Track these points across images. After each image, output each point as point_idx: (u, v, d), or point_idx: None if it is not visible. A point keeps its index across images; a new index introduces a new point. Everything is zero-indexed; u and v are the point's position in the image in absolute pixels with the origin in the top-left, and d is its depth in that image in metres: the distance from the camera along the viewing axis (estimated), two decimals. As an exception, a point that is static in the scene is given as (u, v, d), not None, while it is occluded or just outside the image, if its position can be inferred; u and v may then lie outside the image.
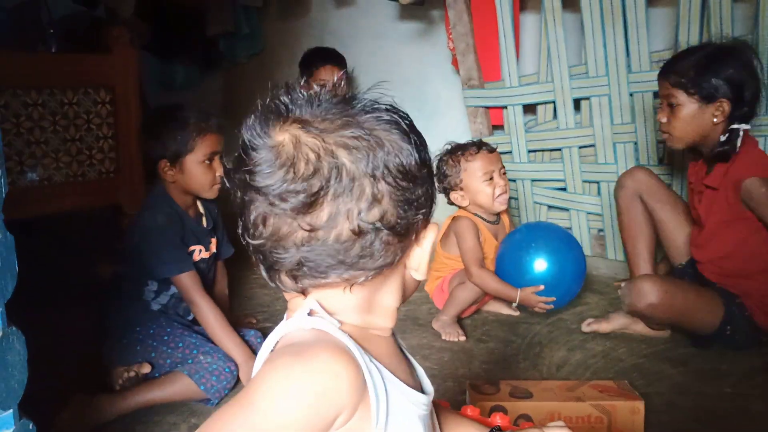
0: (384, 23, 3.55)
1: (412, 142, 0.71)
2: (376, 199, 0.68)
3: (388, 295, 0.76)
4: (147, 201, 1.99)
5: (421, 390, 0.81)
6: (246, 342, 1.94)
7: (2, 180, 0.93)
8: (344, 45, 3.58)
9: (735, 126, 1.95)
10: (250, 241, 0.71)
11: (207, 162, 1.91)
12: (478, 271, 2.21)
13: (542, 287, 2.17)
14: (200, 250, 2.01)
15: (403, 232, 0.70)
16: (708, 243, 2.09)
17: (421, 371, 0.84)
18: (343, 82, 3.04)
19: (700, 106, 1.96)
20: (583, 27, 2.69)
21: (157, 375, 1.82)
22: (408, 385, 0.75)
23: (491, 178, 2.26)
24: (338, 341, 0.69)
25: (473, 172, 2.26)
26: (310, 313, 0.71)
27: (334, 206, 0.67)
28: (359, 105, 0.71)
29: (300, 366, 0.64)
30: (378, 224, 0.68)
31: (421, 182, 0.71)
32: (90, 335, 1.95)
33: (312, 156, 0.67)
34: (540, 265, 2.17)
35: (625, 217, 2.27)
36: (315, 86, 0.74)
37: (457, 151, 2.30)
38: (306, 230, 0.68)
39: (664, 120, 2.04)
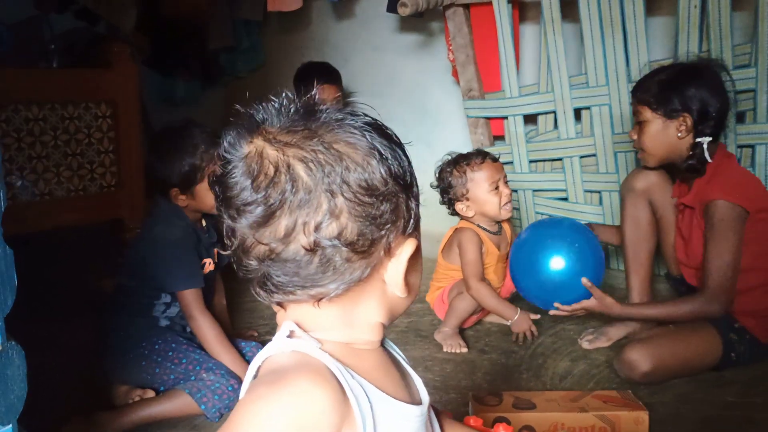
0: (384, 35, 3.56)
1: (378, 156, 0.69)
2: (333, 215, 0.66)
3: (369, 310, 0.74)
4: (157, 215, 1.96)
5: (419, 399, 0.80)
6: (248, 355, 1.94)
7: (2, 194, 0.93)
8: (344, 57, 3.60)
9: (699, 140, 1.96)
10: (221, 251, 0.72)
11: None
12: (477, 284, 2.21)
13: (538, 316, 2.20)
14: (210, 263, 2.01)
15: (365, 248, 0.68)
16: (698, 267, 2.06)
17: (417, 380, 0.83)
18: (339, 101, 3.03)
19: (664, 122, 1.99)
20: (583, 37, 2.69)
21: (161, 389, 1.82)
22: (397, 398, 0.74)
23: (497, 188, 2.26)
24: (318, 363, 0.68)
25: (479, 182, 2.25)
26: (290, 335, 0.70)
27: (290, 220, 0.66)
28: (324, 116, 0.70)
29: (275, 396, 0.64)
30: (335, 241, 0.67)
31: (386, 197, 0.69)
32: (91, 350, 1.94)
33: (271, 169, 0.67)
34: (558, 264, 2.04)
35: (629, 221, 2.20)
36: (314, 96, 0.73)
37: (461, 161, 2.29)
38: (264, 244, 0.67)
39: (634, 137, 2.08)
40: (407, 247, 0.72)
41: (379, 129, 0.71)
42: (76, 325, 2.26)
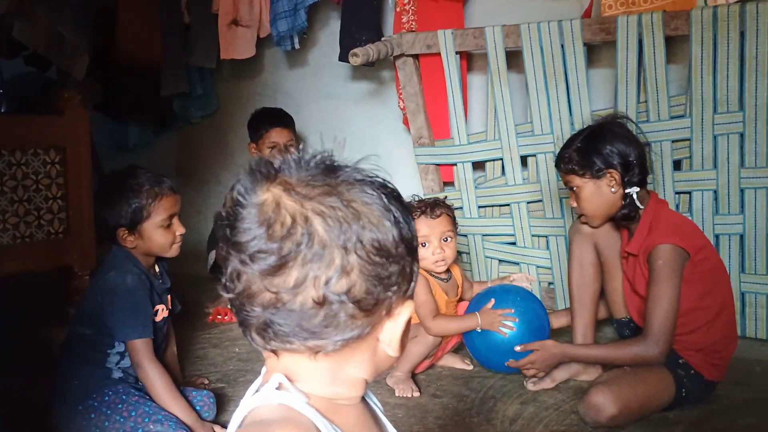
0: (336, 83, 3.63)
1: (393, 219, 0.71)
2: (344, 271, 0.68)
3: (358, 368, 0.75)
4: (110, 261, 1.95)
5: None
6: (198, 404, 1.92)
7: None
8: (297, 105, 3.64)
9: (628, 191, 2.04)
10: (224, 293, 0.72)
11: (166, 225, 1.92)
12: (433, 321, 2.23)
13: (511, 311, 2.23)
14: (162, 309, 1.99)
15: (370, 307, 0.70)
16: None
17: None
18: (292, 146, 3.07)
19: (594, 183, 2.06)
20: (528, 87, 2.79)
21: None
22: None
23: (425, 245, 2.25)
24: (303, 419, 0.69)
25: None
26: (278, 387, 0.71)
27: (301, 272, 0.67)
28: (344, 175, 0.72)
29: None
30: (343, 297, 0.68)
31: (395, 260, 0.71)
32: (39, 401, 1.89)
33: (288, 219, 0.68)
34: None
35: (575, 263, 2.27)
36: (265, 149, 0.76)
37: (414, 207, 2.27)
38: (272, 292, 0.68)
39: (574, 204, 2.16)
40: (406, 310, 0.74)
41: (393, 192, 0.74)
42: (23, 377, 2.20)
